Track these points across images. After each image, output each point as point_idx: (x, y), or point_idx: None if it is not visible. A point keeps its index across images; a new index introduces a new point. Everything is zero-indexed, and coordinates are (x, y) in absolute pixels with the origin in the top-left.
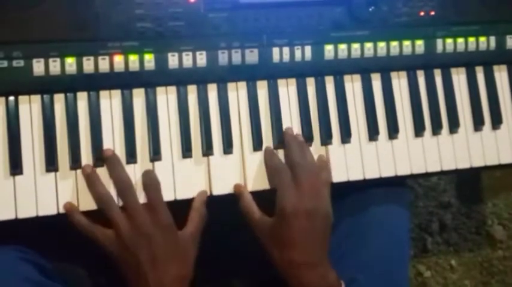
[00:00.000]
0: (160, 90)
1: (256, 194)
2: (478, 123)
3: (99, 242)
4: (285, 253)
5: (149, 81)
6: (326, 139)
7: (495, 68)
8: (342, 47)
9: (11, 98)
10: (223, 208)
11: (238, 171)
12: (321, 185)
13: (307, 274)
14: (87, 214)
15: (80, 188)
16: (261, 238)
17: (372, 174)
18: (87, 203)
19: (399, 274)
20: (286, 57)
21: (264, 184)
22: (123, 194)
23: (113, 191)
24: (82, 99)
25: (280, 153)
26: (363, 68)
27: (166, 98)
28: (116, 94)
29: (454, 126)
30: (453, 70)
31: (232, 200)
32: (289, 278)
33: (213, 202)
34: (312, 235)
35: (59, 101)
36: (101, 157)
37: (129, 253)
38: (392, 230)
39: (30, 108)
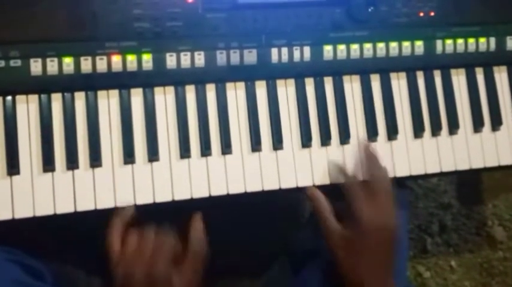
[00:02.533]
0: (158, 91)
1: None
2: (477, 125)
3: (108, 252)
4: (354, 262)
5: (147, 81)
6: (325, 140)
7: (495, 69)
8: (341, 47)
9: (9, 97)
10: (220, 207)
11: (236, 172)
12: (392, 199)
13: (371, 285)
14: None
15: (77, 188)
16: (331, 244)
17: None
18: (84, 204)
19: (397, 274)
20: (284, 57)
21: (262, 185)
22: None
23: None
24: (80, 99)
25: (279, 153)
26: (362, 68)
27: (165, 98)
28: (114, 94)
29: (453, 127)
30: (453, 71)
31: (230, 201)
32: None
33: (211, 203)
34: (382, 248)
35: (57, 101)
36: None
37: (116, 284)
38: None
39: (27, 108)
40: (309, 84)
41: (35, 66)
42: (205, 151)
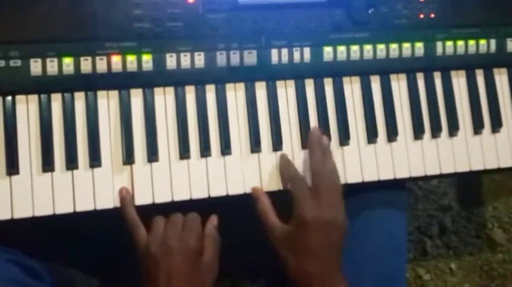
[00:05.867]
0: (158, 91)
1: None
2: (477, 127)
3: (135, 240)
4: (300, 261)
5: (147, 81)
6: None
7: (495, 71)
8: (341, 49)
9: (8, 97)
10: (220, 208)
11: (236, 172)
12: (339, 193)
13: (320, 283)
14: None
15: (77, 188)
16: (275, 244)
17: (370, 177)
18: (83, 204)
19: (396, 276)
20: (284, 58)
21: (262, 186)
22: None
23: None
24: (79, 100)
25: (278, 155)
26: (362, 70)
27: (164, 98)
28: (114, 95)
29: (453, 129)
30: (453, 73)
31: (230, 202)
32: (300, 286)
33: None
34: (328, 245)
35: (56, 101)
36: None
37: (151, 259)
38: (389, 232)
39: (27, 108)
40: (309, 86)
41: (35, 67)
42: (205, 151)
